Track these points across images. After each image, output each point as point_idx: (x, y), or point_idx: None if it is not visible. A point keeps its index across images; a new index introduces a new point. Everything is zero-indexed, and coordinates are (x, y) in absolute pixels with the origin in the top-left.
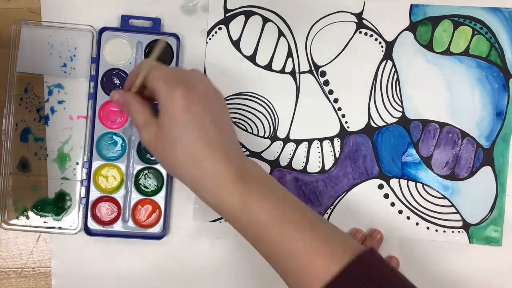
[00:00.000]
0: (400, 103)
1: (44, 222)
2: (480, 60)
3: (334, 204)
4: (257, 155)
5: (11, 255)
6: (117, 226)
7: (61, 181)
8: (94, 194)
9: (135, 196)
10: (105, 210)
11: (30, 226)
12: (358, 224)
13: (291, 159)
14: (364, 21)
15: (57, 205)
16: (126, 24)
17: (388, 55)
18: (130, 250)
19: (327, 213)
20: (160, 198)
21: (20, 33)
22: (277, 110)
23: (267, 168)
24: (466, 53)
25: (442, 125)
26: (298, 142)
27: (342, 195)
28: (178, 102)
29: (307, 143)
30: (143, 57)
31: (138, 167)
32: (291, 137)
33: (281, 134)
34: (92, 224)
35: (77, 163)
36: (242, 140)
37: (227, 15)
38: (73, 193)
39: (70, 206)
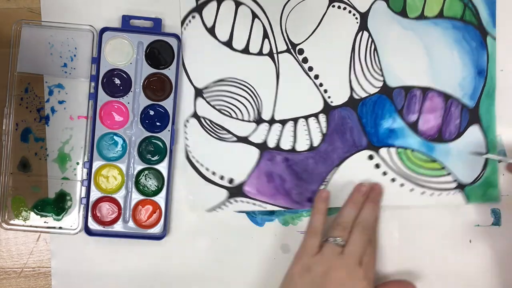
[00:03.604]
0: (380, 73)
1: (45, 222)
2: (455, 21)
3: (326, 180)
4: (245, 139)
5: (11, 255)
6: (118, 227)
7: (62, 181)
8: (95, 194)
9: (136, 197)
10: (106, 210)
11: (30, 226)
12: None
13: (278, 140)
14: None
15: (58, 205)
16: (127, 24)
17: (363, 26)
18: (130, 251)
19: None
20: (160, 199)
21: (20, 33)
22: (259, 92)
23: (255, 152)
24: (440, 15)
25: (424, 89)
26: (283, 122)
27: (334, 170)
28: None
29: (293, 122)
30: (143, 58)
31: (139, 167)
32: (276, 117)
33: (266, 116)
34: (92, 224)
35: (78, 163)
36: (227, 126)
37: (199, 2)
38: (74, 193)
39: (71, 206)
